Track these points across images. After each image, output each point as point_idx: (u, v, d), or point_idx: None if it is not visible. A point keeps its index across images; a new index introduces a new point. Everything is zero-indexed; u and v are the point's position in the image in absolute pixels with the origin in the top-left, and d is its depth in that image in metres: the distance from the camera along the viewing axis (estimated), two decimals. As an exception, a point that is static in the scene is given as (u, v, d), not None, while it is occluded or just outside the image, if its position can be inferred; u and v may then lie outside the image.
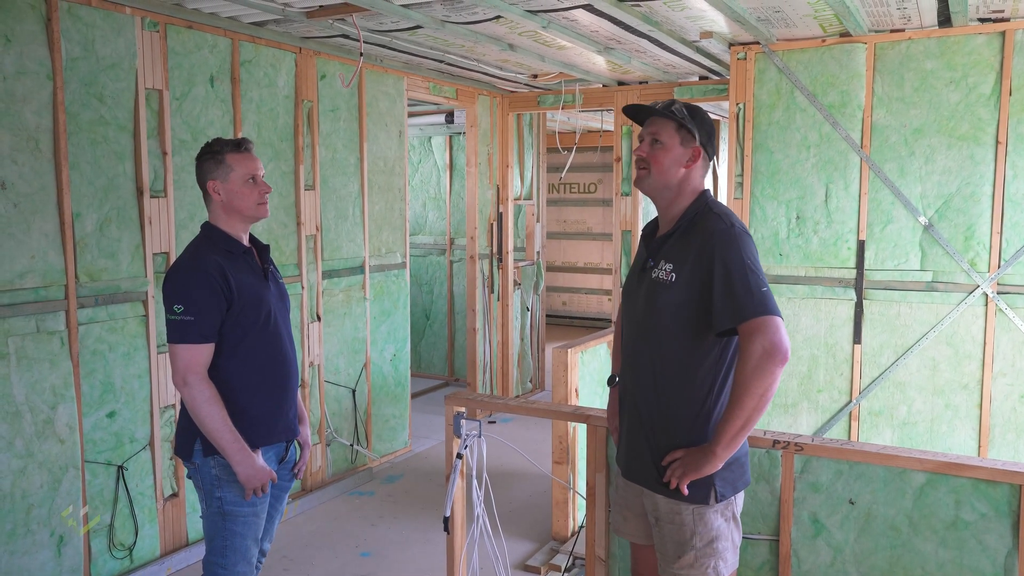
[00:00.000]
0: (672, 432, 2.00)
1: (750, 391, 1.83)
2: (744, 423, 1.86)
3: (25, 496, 2.98)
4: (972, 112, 3.71)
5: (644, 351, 2.03)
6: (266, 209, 2.34)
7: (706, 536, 1.98)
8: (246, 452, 2.22)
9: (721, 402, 1.99)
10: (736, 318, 1.85)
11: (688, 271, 1.94)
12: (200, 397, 2.18)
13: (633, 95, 5.49)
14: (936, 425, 3.89)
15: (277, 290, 2.41)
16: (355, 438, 4.65)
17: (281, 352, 2.36)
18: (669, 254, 1.99)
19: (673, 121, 2.01)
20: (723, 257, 1.89)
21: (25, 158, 2.96)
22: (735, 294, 1.86)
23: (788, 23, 3.71)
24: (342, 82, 4.38)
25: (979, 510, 2.11)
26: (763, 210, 4.16)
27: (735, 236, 1.92)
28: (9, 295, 2.93)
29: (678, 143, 2.01)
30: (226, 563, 2.29)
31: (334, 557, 3.67)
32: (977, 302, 3.77)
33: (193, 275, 2.21)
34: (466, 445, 2.64)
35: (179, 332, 2.18)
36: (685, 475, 1.94)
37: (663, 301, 1.97)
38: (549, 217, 9.57)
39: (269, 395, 2.34)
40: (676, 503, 1.99)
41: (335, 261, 4.46)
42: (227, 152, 2.27)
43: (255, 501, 2.29)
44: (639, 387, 2.05)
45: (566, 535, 3.76)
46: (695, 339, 1.95)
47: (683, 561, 1.99)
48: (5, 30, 2.88)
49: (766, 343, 1.81)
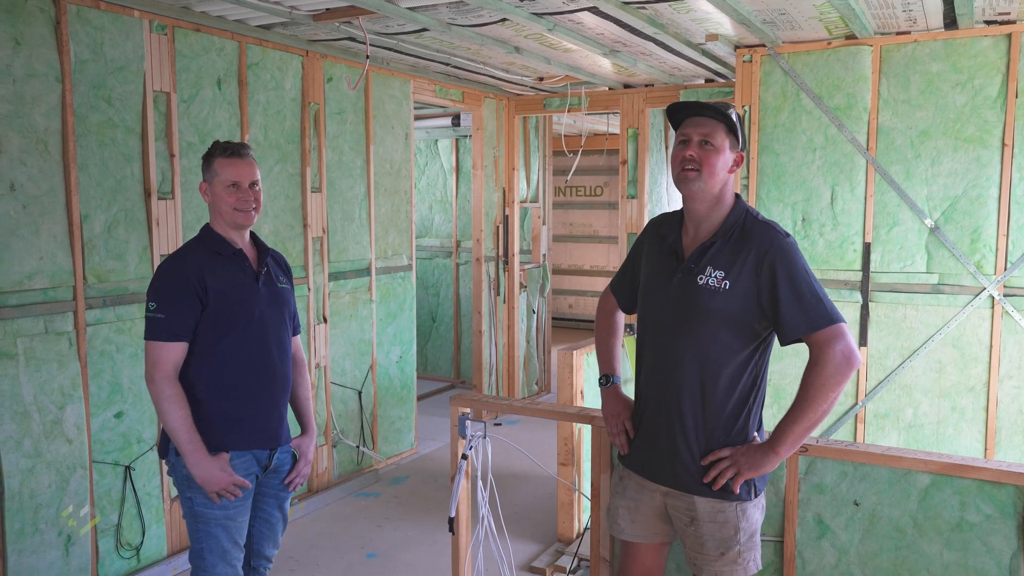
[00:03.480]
0: (715, 435, 2.01)
1: (825, 395, 1.89)
2: (811, 424, 1.92)
3: (33, 496, 3.00)
4: (978, 114, 3.70)
5: (687, 356, 1.99)
6: (246, 216, 2.28)
7: (748, 530, 2.02)
8: (201, 454, 2.19)
9: (760, 402, 2.04)
10: (811, 327, 1.90)
11: (746, 281, 1.94)
12: (162, 395, 2.18)
13: (639, 97, 5.49)
14: (942, 428, 3.88)
15: (270, 295, 2.36)
16: (361, 440, 4.66)
17: (263, 358, 2.32)
18: (717, 261, 1.97)
19: (724, 124, 1.97)
20: (787, 268, 1.92)
21: (34, 160, 2.99)
22: (806, 304, 1.90)
23: (794, 25, 3.71)
24: (348, 85, 4.40)
25: (984, 512, 2.11)
26: (769, 212, 4.15)
27: (792, 246, 1.95)
28: (18, 296, 2.95)
29: (727, 147, 1.98)
30: (204, 564, 2.27)
31: (340, 558, 3.68)
32: (983, 304, 3.76)
33: (168, 274, 2.23)
34: (471, 446, 2.64)
35: (150, 329, 2.20)
36: (742, 473, 1.96)
37: (714, 307, 1.95)
38: (555, 220, 9.58)
39: (245, 400, 2.29)
40: (719, 502, 2.00)
41: (341, 263, 4.47)
42: (216, 156, 2.28)
43: (227, 504, 2.25)
44: (681, 390, 2.01)
45: (571, 537, 3.76)
46: (742, 344, 1.97)
47: (727, 557, 2.02)
48: (15, 33, 2.90)
49: (845, 349, 1.88)
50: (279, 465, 2.41)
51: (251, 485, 2.31)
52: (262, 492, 2.41)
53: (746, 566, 2.02)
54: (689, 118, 2.01)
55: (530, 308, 6.53)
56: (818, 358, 1.89)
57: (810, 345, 1.92)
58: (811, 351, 1.92)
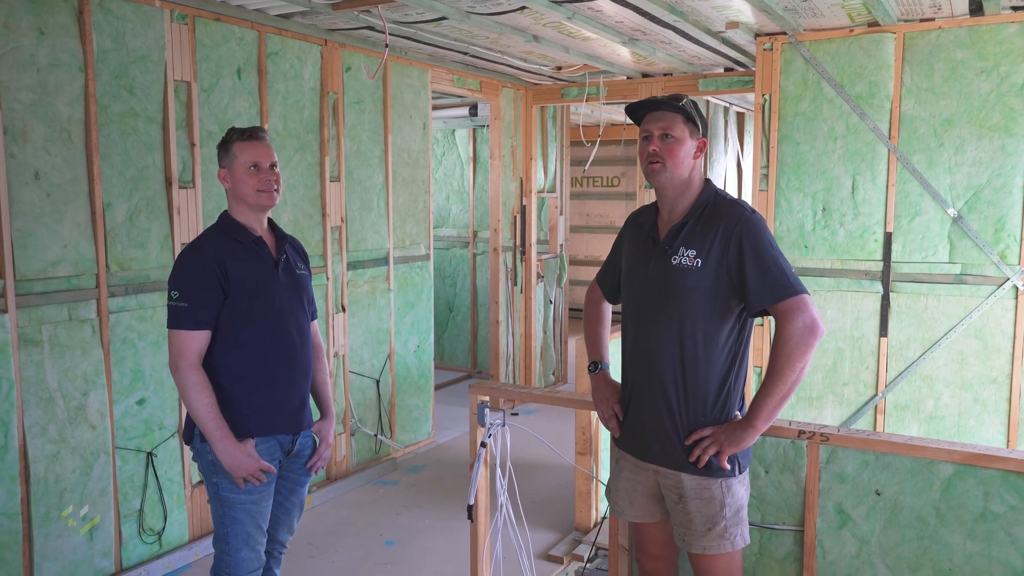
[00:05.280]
0: (697, 412, 2.08)
1: (791, 364, 1.96)
2: (784, 396, 1.98)
3: (59, 481, 3.04)
4: (1003, 102, 3.65)
5: (667, 336, 2.08)
6: (270, 197, 2.29)
7: (734, 506, 2.09)
8: (229, 440, 2.21)
9: (740, 380, 2.11)
10: (774, 297, 1.97)
11: (715, 256, 2.03)
12: (187, 383, 2.20)
13: (657, 87, 5.46)
14: (964, 419, 3.85)
15: (290, 281, 2.38)
16: (379, 428, 4.68)
17: (285, 344, 2.34)
18: (690, 241, 2.06)
19: (681, 115, 2.08)
20: (752, 241, 2.01)
21: (58, 149, 3.01)
22: (770, 276, 1.98)
23: (816, 13, 3.68)
24: (367, 74, 4.40)
25: (1008, 502, 2.09)
26: (789, 202, 4.13)
27: (758, 221, 2.05)
28: (42, 283, 2.98)
29: (687, 136, 2.08)
30: (229, 549, 2.30)
31: (359, 544, 3.70)
32: (1007, 295, 3.71)
33: (191, 263, 2.24)
34: (490, 434, 2.65)
35: (174, 318, 2.21)
36: (724, 451, 2.03)
37: (689, 286, 2.04)
38: (572, 211, 9.55)
39: (269, 386, 2.32)
40: (704, 479, 2.07)
41: (360, 252, 4.49)
42: (234, 140, 2.29)
43: (252, 489, 2.28)
44: (664, 370, 2.09)
45: (589, 526, 3.76)
46: (719, 321, 2.05)
47: (714, 533, 2.08)
48: (39, 23, 2.93)
49: (807, 319, 1.95)
50: (300, 450, 2.43)
51: (275, 470, 2.34)
52: (282, 477, 2.44)
53: (733, 541, 2.10)
54: (648, 114, 2.11)
55: (547, 298, 6.53)
56: (782, 329, 1.97)
57: (775, 316, 2.00)
58: (776, 323, 2.00)
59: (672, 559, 2.31)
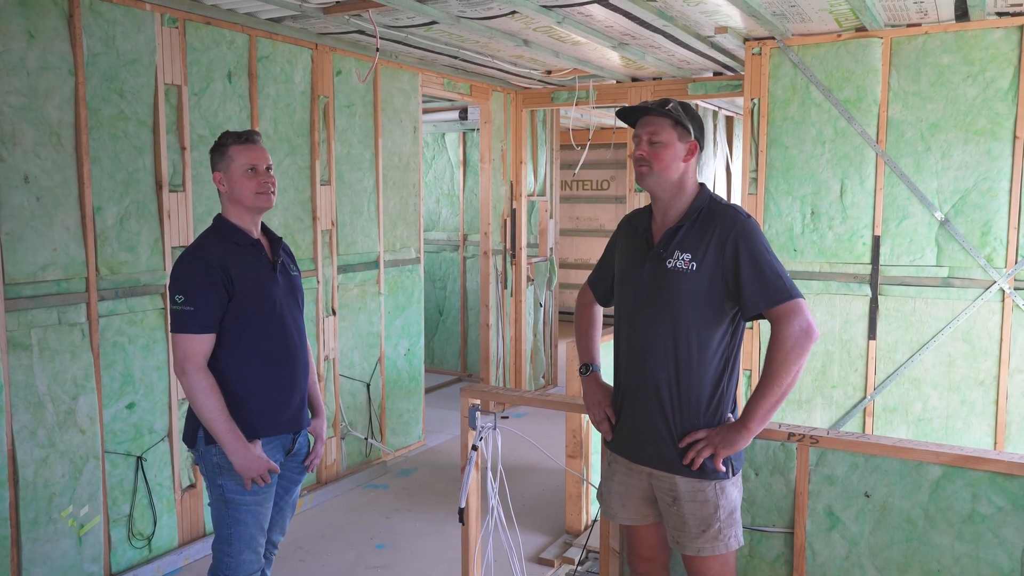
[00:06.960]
0: (691, 415, 2.09)
1: (787, 368, 1.98)
2: (778, 399, 2.00)
3: (47, 485, 3.03)
4: (989, 107, 3.69)
5: (660, 339, 2.09)
6: (267, 199, 2.31)
7: (727, 508, 2.10)
8: (241, 442, 2.23)
9: (733, 382, 2.12)
10: (770, 302, 1.99)
11: (710, 260, 2.04)
12: (196, 386, 2.20)
13: (647, 91, 5.48)
14: (952, 422, 3.88)
15: (287, 283, 2.40)
16: (369, 432, 4.68)
17: (286, 344, 2.36)
18: (684, 244, 2.08)
19: (668, 119, 2.10)
20: (748, 246, 2.02)
21: (47, 152, 3.00)
22: (766, 280, 2.00)
23: (803, 18, 3.71)
24: (358, 78, 4.41)
25: (996, 504, 2.11)
26: (777, 205, 4.15)
27: (754, 226, 2.07)
28: (32, 287, 2.97)
29: (676, 139, 2.09)
30: (231, 551, 2.31)
31: (349, 548, 3.70)
32: (994, 298, 3.75)
33: (194, 267, 2.24)
34: (481, 437, 2.65)
35: (179, 322, 2.21)
36: (718, 453, 2.04)
37: (684, 289, 2.05)
38: (562, 214, 9.57)
39: (272, 387, 2.34)
40: (699, 481, 2.08)
41: (350, 256, 4.49)
42: (230, 144, 2.30)
43: (257, 490, 2.30)
44: (657, 372, 2.10)
45: (579, 528, 3.77)
46: (713, 324, 2.06)
47: (708, 535, 2.09)
48: (29, 26, 2.92)
49: (803, 323, 1.98)
50: (299, 449, 2.46)
51: (279, 470, 2.36)
52: (279, 476, 2.45)
53: (727, 542, 2.11)
54: (640, 118, 2.14)
55: (537, 301, 6.54)
56: (778, 333, 1.99)
57: (771, 320, 2.01)
58: (772, 327, 2.02)
59: (664, 561, 2.33)
